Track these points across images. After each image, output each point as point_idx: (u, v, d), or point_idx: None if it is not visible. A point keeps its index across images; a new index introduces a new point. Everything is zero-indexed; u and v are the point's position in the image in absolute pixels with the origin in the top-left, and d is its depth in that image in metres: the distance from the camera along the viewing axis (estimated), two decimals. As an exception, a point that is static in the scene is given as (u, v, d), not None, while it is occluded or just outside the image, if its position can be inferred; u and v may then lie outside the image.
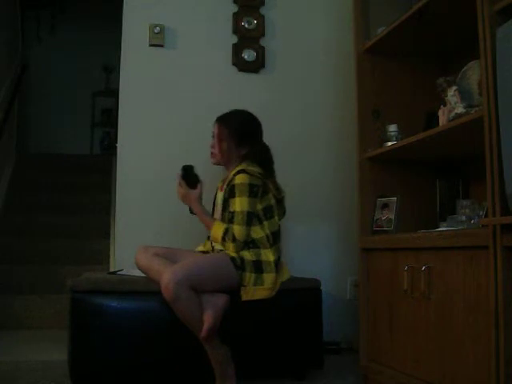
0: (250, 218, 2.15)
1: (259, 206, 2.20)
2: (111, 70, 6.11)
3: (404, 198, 2.30)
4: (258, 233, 2.18)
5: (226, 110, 2.40)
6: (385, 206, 2.31)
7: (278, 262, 2.19)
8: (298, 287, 2.30)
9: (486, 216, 1.88)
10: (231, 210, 2.17)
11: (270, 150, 2.37)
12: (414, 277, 1.96)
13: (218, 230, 2.15)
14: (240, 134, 2.30)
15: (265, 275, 2.11)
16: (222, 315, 2.01)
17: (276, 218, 2.26)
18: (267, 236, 2.19)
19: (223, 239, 2.13)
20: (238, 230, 2.12)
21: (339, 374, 2.41)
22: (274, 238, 2.21)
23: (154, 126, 2.84)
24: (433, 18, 2.09)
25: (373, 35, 2.39)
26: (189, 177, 2.31)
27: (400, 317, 2.07)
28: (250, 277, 2.09)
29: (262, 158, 2.31)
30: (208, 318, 1.96)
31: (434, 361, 1.87)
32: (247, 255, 2.12)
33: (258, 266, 2.12)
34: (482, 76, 1.68)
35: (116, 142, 2.93)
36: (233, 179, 2.19)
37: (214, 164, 2.39)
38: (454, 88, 1.92)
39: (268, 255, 2.15)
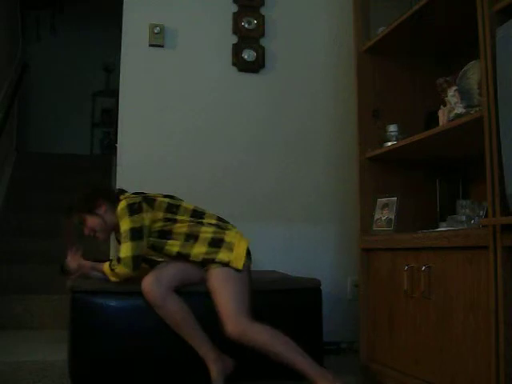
0: (139, 230, 2.11)
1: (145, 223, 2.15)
2: (111, 70, 6.11)
3: (404, 198, 2.30)
4: (208, 231, 2.17)
5: (226, 110, 2.40)
6: (385, 206, 2.31)
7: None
8: (298, 287, 2.30)
9: (486, 216, 1.88)
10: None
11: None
12: (413, 277, 1.96)
13: (106, 269, 2.11)
14: (85, 202, 2.27)
15: None
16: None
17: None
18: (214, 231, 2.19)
19: (112, 270, 2.08)
20: (123, 248, 2.08)
21: (339, 374, 2.40)
22: None
23: (154, 126, 2.84)
24: (433, 18, 2.09)
25: (373, 35, 2.39)
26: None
27: (400, 317, 2.07)
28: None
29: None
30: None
31: (434, 361, 1.87)
32: (225, 256, 2.14)
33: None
34: (481, 76, 1.68)
35: (116, 142, 2.93)
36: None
37: (104, 240, 2.34)
38: (454, 88, 1.92)
39: None
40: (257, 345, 1.95)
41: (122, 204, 2.12)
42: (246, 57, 2.92)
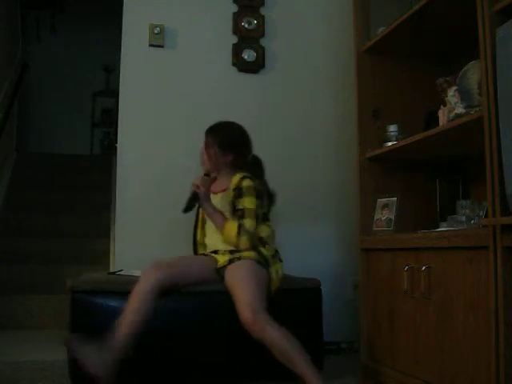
0: (257, 215, 2.26)
1: (260, 211, 2.29)
2: (111, 70, 6.11)
3: (404, 198, 2.30)
4: (265, 231, 2.29)
5: (226, 110, 2.41)
6: (385, 206, 2.31)
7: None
8: (298, 287, 2.30)
9: (486, 216, 1.88)
10: (240, 207, 2.24)
11: (261, 161, 2.45)
12: (413, 277, 1.96)
13: (231, 228, 2.21)
14: (224, 141, 2.37)
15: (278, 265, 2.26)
16: None
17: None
18: (268, 235, 2.31)
19: (238, 234, 2.19)
20: (249, 223, 2.21)
21: (339, 374, 2.40)
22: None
23: (154, 126, 2.84)
24: (433, 18, 2.09)
25: (373, 35, 2.39)
26: None
27: (400, 317, 2.07)
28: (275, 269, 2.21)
29: (251, 166, 2.38)
30: None
31: (434, 361, 1.87)
32: (264, 251, 2.21)
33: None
34: (481, 76, 1.68)
35: (116, 142, 2.93)
36: (239, 183, 2.26)
37: (206, 171, 2.40)
38: (454, 88, 1.92)
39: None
40: (269, 339, 1.93)
41: (250, 182, 2.26)
42: (246, 57, 2.93)
